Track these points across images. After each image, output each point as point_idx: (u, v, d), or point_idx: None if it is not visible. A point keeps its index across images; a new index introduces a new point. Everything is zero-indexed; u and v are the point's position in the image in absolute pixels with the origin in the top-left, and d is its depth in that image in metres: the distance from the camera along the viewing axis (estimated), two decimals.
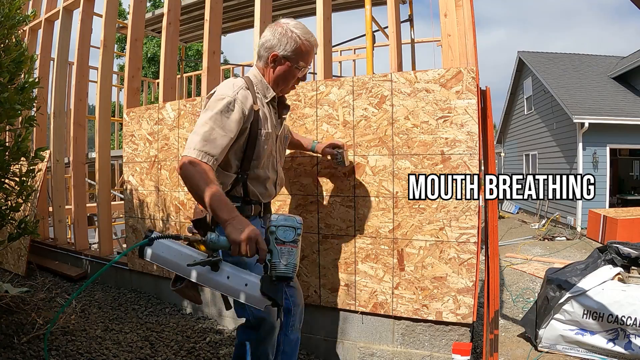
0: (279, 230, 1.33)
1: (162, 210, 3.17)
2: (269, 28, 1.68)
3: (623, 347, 2.52)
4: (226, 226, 1.31)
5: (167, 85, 3.39)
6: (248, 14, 5.77)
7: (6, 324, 2.68)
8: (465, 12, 2.20)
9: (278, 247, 1.32)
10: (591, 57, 13.24)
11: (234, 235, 1.28)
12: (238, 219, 1.33)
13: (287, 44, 1.63)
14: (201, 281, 1.34)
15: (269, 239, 1.33)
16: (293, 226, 1.34)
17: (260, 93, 1.68)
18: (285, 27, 1.64)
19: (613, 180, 10.61)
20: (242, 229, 1.29)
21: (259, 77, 1.70)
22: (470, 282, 2.08)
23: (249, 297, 1.34)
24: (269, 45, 1.65)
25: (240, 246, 1.28)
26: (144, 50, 15.08)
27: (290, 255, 1.33)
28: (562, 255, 6.45)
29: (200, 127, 1.49)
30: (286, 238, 1.33)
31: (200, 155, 1.43)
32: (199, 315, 3.06)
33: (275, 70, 1.67)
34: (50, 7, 4.75)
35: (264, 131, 1.65)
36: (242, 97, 1.56)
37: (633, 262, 2.87)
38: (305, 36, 1.65)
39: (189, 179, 1.41)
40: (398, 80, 2.22)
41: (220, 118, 1.50)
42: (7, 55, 2.47)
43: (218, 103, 1.53)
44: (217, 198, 1.35)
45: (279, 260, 1.32)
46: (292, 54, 1.64)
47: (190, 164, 1.41)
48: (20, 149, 2.55)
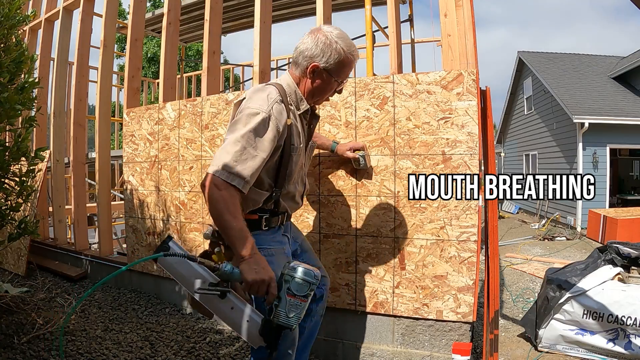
0: (294, 282, 1.30)
1: (162, 211, 3.17)
2: (311, 35, 1.54)
3: (623, 347, 2.52)
4: (242, 262, 1.30)
5: (167, 85, 3.39)
6: (248, 14, 5.77)
7: (6, 324, 2.68)
8: (465, 12, 2.20)
9: (288, 297, 1.30)
10: (591, 57, 13.25)
11: (248, 275, 1.28)
12: (255, 258, 1.31)
13: (330, 55, 1.51)
14: (204, 302, 1.34)
15: (282, 285, 1.31)
16: (309, 282, 1.30)
17: (294, 105, 1.57)
18: (330, 38, 1.52)
19: (613, 180, 10.62)
20: (258, 270, 1.29)
21: (292, 87, 1.58)
22: (471, 281, 2.08)
23: (248, 333, 1.34)
24: (309, 54, 1.53)
25: (252, 286, 1.29)
26: (144, 50, 15.09)
27: (297, 309, 1.30)
28: (562, 255, 6.45)
29: (232, 145, 1.38)
30: (298, 292, 1.29)
31: (230, 177, 1.34)
32: (199, 315, 3.06)
33: (313, 82, 1.56)
34: (50, 7, 4.75)
35: (295, 147, 1.56)
36: (277, 112, 1.45)
37: (633, 262, 2.87)
38: (349, 49, 1.54)
39: (214, 203, 1.34)
40: (400, 82, 2.23)
41: (254, 137, 1.39)
42: (7, 55, 2.46)
43: (251, 119, 1.41)
44: (239, 233, 1.32)
45: (284, 311, 1.29)
46: (333, 67, 1.53)
47: (217, 186, 1.33)
48: (20, 149, 2.55)
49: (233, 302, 1.33)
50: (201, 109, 2.91)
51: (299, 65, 1.57)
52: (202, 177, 2.88)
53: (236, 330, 1.36)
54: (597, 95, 10.49)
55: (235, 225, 1.32)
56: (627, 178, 11.98)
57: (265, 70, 2.98)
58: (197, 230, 2.97)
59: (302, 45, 1.55)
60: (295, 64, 1.58)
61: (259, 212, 1.58)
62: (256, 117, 1.42)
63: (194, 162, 2.96)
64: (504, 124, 15.40)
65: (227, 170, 1.34)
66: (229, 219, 1.32)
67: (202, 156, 2.91)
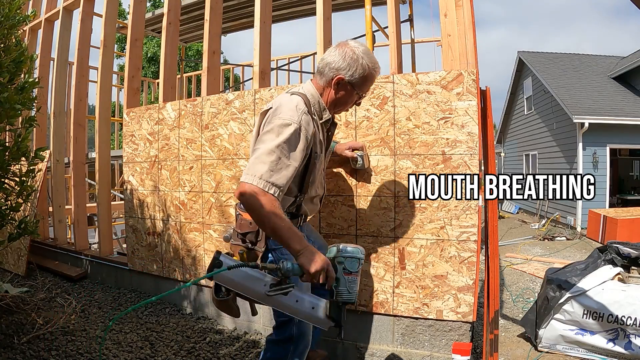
0: (347, 261, 1.44)
1: (162, 211, 3.17)
2: (339, 49, 1.61)
3: (623, 347, 2.52)
4: (299, 257, 1.40)
5: (167, 85, 3.39)
6: (248, 14, 5.77)
7: (6, 324, 2.69)
8: (465, 12, 2.20)
9: (345, 276, 1.44)
10: (591, 57, 13.24)
11: (308, 267, 1.38)
12: (309, 250, 1.41)
13: (356, 70, 1.59)
14: (270, 303, 1.44)
15: (337, 268, 1.44)
16: (358, 257, 1.45)
17: (317, 114, 1.64)
18: (357, 53, 1.59)
19: (613, 180, 10.62)
20: (315, 260, 1.39)
21: (316, 97, 1.65)
22: (471, 280, 2.08)
23: (316, 319, 1.46)
24: (336, 66, 1.60)
25: (314, 276, 1.39)
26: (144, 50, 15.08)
27: (354, 284, 1.45)
28: (562, 255, 6.45)
29: (267, 155, 1.46)
30: (352, 269, 1.44)
31: (267, 186, 1.42)
32: (199, 315, 3.06)
33: (337, 93, 1.64)
34: (50, 7, 4.75)
35: (318, 154, 1.66)
36: (305, 123, 1.53)
37: (633, 262, 2.87)
38: (374, 65, 1.62)
39: (258, 210, 1.42)
40: (400, 82, 2.23)
41: (288, 147, 1.48)
42: (7, 55, 2.47)
43: (284, 130, 1.48)
44: (288, 231, 1.42)
45: (345, 288, 1.43)
46: (358, 81, 1.61)
47: (257, 194, 1.41)
48: (20, 149, 2.55)
49: (296, 295, 1.44)
50: (201, 109, 2.91)
51: (324, 76, 1.63)
52: (202, 177, 2.89)
53: (305, 319, 1.49)
54: (597, 95, 10.49)
55: (283, 225, 1.41)
56: (627, 178, 11.98)
57: (265, 70, 2.98)
58: (197, 231, 2.97)
59: (330, 57, 1.62)
60: (320, 74, 1.65)
61: None
62: (289, 128, 1.49)
63: (194, 162, 2.96)
64: (504, 124, 15.39)
65: (265, 179, 1.43)
66: (276, 220, 1.41)
67: (202, 156, 2.91)
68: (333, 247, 1.49)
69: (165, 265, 3.19)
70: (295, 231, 1.44)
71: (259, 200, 1.41)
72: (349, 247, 1.46)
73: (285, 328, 1.70)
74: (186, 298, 3.17)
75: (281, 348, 1.70)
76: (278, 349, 1.71)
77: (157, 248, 3.25)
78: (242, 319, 2.85)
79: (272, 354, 1.72)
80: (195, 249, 2.99)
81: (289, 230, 1.42)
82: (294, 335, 1.69)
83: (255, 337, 2.72)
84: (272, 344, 1.74)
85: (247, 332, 2.80)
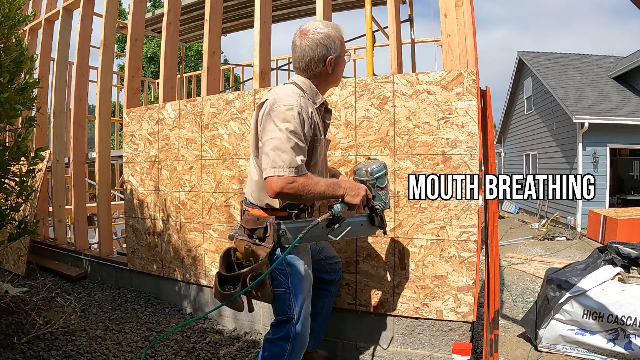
0: (378, 180, 1.73)
1: (162, 211, 3.17)
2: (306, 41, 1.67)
3: (623, 347, 2.52)
4: (345, 198, 1.63)
5: (167, 85, 3.39)
6: (248, 14, 5.77)
7: (6, 324, 2.69)
8: (465, 12, 2.20)
9: (379, 192, 1.74)
10: (591, 57, 13.24)
11: (355, 200, 1.64)
12: (349, 187, 1.65)
13: (333, 43, 1.68)
14: (334, 238, 1.64)
15: (371, 188, 1.72)
16: (385, 173, 1.76)
17: (310, 99, 1.70)
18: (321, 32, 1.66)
19: (613, 180, 10.61)
20: (355, 194, 1.64)
21: (307, 83, 1.72)
22: (471, 280, 2.08)
23: (367, 230, 1.78)
24: (319, 56, 1.67)
25: (360, 206, 1.66)
26: (144, 50, 15.07)
27: (387, 195, 1.77)
28: (562, 255, 6.45)
29: (285, 143, 1.52)
30: (382, 184, 1.75)
31: (298, 170, 1.52)
32: (199, 315, 3.06)
33: (335, 70, 1.73)
34: (50, 7, 4.75)
35: (319, 137, 1.70)
36: (304, 105, 1.61)
37: (633, 262, 2.87)
38: (335, 28, 1.71)
39: (302, 196, 1.54)
40: (400, 82, 2.23)
41: (298, 129, 1.55)
42: (7, 55, 2.47)
43: (289, 114, 1.55)
44: (328, 187, 1.60)
45: (381, 201, 1.74)
46: (339, 47, 1.71)
47: (293, 183, 1.51)
48: (20, 149, 2.55)
49: (347, 222, 1.67)
50: (201, 109, 2.91)
51: (311, 70, 1.71)
52: (202, 177, 2.89)
53: (361, 235, 1.88)
54: (597, 95, 10.48)
55: (324, 187, 1.59)
56: (627, 178, 11.97)
57: (265, 70, 2.98)
58: (197, 231, 2.97)
59: (304, 53, 1.68)
60: (307, 71, 1.71)
61: (289, 209, 1.70)
62: (292, 112, 1.56)
63: (194, 162, 2.96)
64: (504, 124, 15.39)
65: (293, 166, 1.52)
66: (318, 188, 1.57)
67: (202, 156, 2.91)
68: (362, 169, 1.75)
69: (165, 265, 3.19)
70: (332, 182, 1.63)
71: (298, 185, 1.51)
72: (374, 166, 1.74)
73: (283, 327, 1.72)
74: (186, 298, 3.17)
75: (278, 347, 1.71)
76: (275, 348, 1.72)
77: (157, 248, 3.25)
78: (242, 319, 2.85)
79: (270, 353, 1.73)
80: (196, 249, 2.99)
81: (328, 186, 1.60)
82: (292, 334, 1.71)
83: (255, 337, 2.72)
84: (269, 343, 1.75)
85: (247, 332, 2.80)
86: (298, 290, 1.71)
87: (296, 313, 1.71)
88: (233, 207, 2.76)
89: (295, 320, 1.70)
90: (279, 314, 1.73)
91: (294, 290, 1.70)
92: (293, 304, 1.70)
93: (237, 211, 2.73)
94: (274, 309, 1.75)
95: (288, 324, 1.71)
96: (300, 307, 1.72)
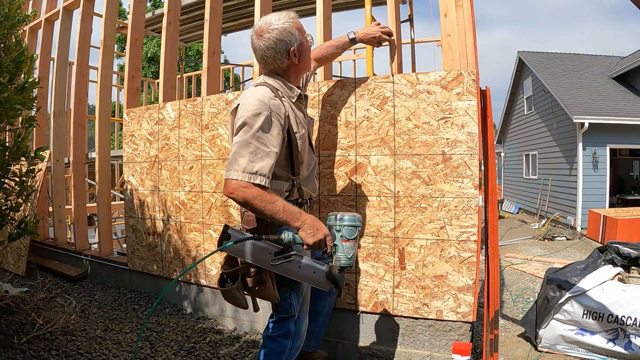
0: (344, 229, 1.53)
1: (162, 211, 3.17)
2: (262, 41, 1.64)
3: (623, 347, 2.52)
4: (300, 231, 1.50)
5: (167, 85, 3.39)
6: (248, 14, 5.76)
7: (6, 324, 2.68)
8: (465, 12, 2.20)
9: (343, 243, 1.53)
10: (591, 57, 13.24)
11: (308, 240, 1.49)
12: (307, 224, 1.50)
13: (291, 34, 1.64)
14: (276, 270, 1.52)
15: (335, 235, 1.54)
16: (355, 225, 1.54)
17: (286, 95, 1.69)
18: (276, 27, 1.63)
19: (613, 180, 10.61)
20: (314, 233, 1.49)
21: (279, 81, 1.70)
22: (471, 280, 2.08)
23: (317, 281, 1.57)
24: (280, 52, 1.64)
25: (313, 247, 1.50)
26: (144, 50, 15.06)
27: (352, 250, 1.55)
28: (562, 255, 6.45)
29: (244, 147, 1.49)
30: (350, 236, 1.53)
31: (252, 177, 1.47)
32: (199, 315, 3.06)
33: (301, 58, 1.69)
34: (50, 7, 4.75)
35: (298, 134, 1.69)
36: (275, 107, 1.57)
37: (633, 262, 2.87)
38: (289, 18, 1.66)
39: (251, 203, 1.47)
40: (400, 82, 2.23)
41: (263, 135, 1.52)
42: (7, 55, 2.47)
43: (256, 119, 1.52)
44: (284, 211, 1.48)
45: (343, 254, 1.53)
46: (300, 36, 1.67)
47: (245, 188, 1.46)
48: (20, 149, 2.55)
49: (299, 261, 1.54)
50: (201, 109, 2.91)
51: (278, 67, 1.68)
52: (202, 177, 2.89)
53: (308, 282, 1.60)
54: (597, 95, 10.48)
55: (277, 209, 1.47)
56: (627, 178, 11.98)
57: None
58: (197, 231, 2.97)
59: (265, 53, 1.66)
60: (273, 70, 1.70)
61: None
62: (259, 117, 1.52)
63: (194, 162, 2.96)
64: (504, 124, 15.39)
65: (248, 171, 1.47)
66: (270, 207, 1.47)
67: (202, 156, 2.91)
68: (332, 215, 1.56)
69: (165, 265, 3.19)
70: (291, 210, 1.49)
71: (249, 192, 1.46)
72: (346, 215, 1.54)
73: (284, 324, 1.73)
74: (186, 298, 3.17)
75: (279, 344, 1.72)
76: (276, 345, 1.72)
77: (157, 248, 3.25)
78: (242, 319, 2.85)
79: (270, 349, 1.73)
80: (196, 249, 2.99)
81: (285, 211, 1.48)
82: (292, 331, 1.72)
83: (255, 337, 2.72)
84: (269, 340, 1.75)
85: (247, 332, 2.80)
86: (299, 288, 1.72)
87: (297, 311, 1.72)
88: (233, 207, 2.76)
89: (296, 318, 1.72)
90: (279, 311, 1.73)
91: (295, 288, 1.71)
92: (294, 302, 1.71)
93: (237, 211, 2.73)
94: (275, 307, 1.76)
95: (289, 322, 1.72)
96: (300, 305, 1.74)
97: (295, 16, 1.69)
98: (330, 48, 2.19)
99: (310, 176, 1.84)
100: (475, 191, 2.09)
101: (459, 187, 2.11)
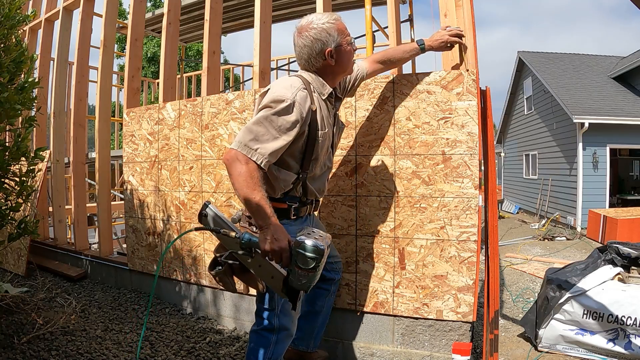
0: (300, 257, 1.38)
1: (162, 211, 3.17)
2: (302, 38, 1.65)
3: (623, 347, 2.52)
4: (260, 232, 1.44)
5: (167, 85, 3.39)
6: (248, 14, 5.77)
7: (6, 324, 2.69)
8: (465, 12, 2.20)
9: (296, 269, 1.39)
10: (591, 57, 13.24)
11: (262, 244, 1.42)
12: (270, 229, 1.42)
13: (329, 35, 1.64)
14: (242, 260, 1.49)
15: (291, 257, 1.40)
16: (314, 257, 1.37)
17: (317, 91, 1.69)
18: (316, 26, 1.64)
19: (613, 180, 10.61)
20: (271, 240, 1.40)
21: (313, 76, 1.71)
22: (471, 280, 2.08)
23: (273, 287, 1.51)
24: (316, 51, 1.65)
25: (267, 254, 1.42)
26: (144, 50, 15.05)
27: (306, 278, 1.40)
28: (562, 255, 6.45)
29: (255, 125, 1.51)
30: (305, 266, 1.37)
31: (250, 153, 1.47)
32: (199, 315, 3.06)
33: (339, 61, 1.69)
34: (50, 7, 4.75)
35: (321, 132, 1.67)
36: (300, 99, 1.57)
37: (633, 262, 2.87)
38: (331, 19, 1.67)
39: (236, 177, 1.45)
40: (400, 82, 2.23)
41: (277, 120, 1.52)
42: (7, 55, 2.47)
43: (276, 105, 1.53)
44: (257, 204, 1.43)
45: (295, 279, 1.41)
46: (339, 39, 1.66)
47: (239, 160, 1.46)
48: (20, 149, 2.55)
49: (260, 261, 1.47)
50: (201, 109, 2.91)
51: (313, 65, 1.69)
52: (202, 177, 2.89)
53: (266, 283, 1.54)
54: (597, 95, 10.49)
55: (253, 198, 1.43)
56: (627, 178, 11.97)
57: (265, 70, 2.98)
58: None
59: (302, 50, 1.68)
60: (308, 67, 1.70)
61: (289, 201, 1.68)
62: (280, 104, 1.53)
63: (194, 162, 2.96)
64: (504, 124, 15.39)
65: (249, 146, 1.47)
66: (248, 192, 1.43)
67: (202, 156, 2.91)
68: (300, 235, 1.41)
69: (165, 266, 3.19)
70: (264, 207, 1.43)
71: (240, 166, 1.45)
72: (308, 242, 1.37)
73: (266, 317, 1.71)
74: (186, 298, 3.17)
75: (262, 338, 1.71)
76: (260, 339, 1.72)
77: (157, 248, 3.25)
78: (242, 319, 2.85)
79: (255, 344, 1.73)
80: (196, 249, 2.99)
81: (258, 204, 1.42)
82: (275, 325, 1.71)
83: None
84: (254, 334, 1.75)
85: (247, 332, 2.80)
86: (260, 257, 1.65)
87: (277, 305, 1.70)
88: (233, 207, 2.76)
89: (277, 311, 1.70)
90: (260, 301, 1.72)
91: None
92: (275, 295, 1.67)
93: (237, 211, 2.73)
94: (258, 297, 1.74)
95: (271, 315, 1.70)
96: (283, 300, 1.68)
97: (338, 18, 1.69)
98: (398, 52, 2.12)
99: (322, 177, 1.82)
100: (475, 191, 2.09)
101: (459, 187, 2.11)
